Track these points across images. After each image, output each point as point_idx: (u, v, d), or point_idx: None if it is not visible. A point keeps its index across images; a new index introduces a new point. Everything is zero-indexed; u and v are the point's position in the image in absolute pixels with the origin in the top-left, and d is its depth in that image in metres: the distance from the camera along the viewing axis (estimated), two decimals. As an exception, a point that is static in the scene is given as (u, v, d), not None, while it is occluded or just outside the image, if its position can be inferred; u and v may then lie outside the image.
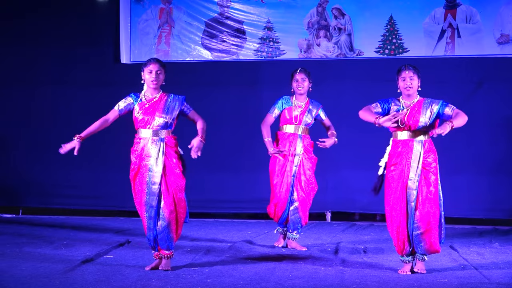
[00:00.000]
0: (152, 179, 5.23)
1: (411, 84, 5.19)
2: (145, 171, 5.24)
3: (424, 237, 5.13)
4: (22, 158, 9.23)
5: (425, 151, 5.16)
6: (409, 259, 5.23)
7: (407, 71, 5.20)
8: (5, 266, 5.35)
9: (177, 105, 5.34)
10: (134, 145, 5.32)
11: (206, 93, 8.89)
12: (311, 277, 5.05)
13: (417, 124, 5.16)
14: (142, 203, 5.25)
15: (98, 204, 9.12)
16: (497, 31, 8.41)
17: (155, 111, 5.27)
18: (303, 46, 8.81)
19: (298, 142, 6.42)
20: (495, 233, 7.64)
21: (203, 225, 8.24)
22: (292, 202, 6.43)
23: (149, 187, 5.23)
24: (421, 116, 5.16)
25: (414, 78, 5.20)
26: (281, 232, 6.56)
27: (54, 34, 9.19)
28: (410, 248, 5.19)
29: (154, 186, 5.22)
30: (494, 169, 8.43)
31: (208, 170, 8.87)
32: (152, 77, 5.27)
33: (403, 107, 5.20)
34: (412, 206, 5.11)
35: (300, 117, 6.44)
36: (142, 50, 9.04)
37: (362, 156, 8.52)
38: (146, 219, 5.25)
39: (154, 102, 5.29)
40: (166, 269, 5.25)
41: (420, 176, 5.13)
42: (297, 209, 6.43)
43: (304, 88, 6.45)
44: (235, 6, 8.95)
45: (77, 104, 9.14)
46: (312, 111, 6.49)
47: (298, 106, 6.46)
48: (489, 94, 8.47)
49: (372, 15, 8.67)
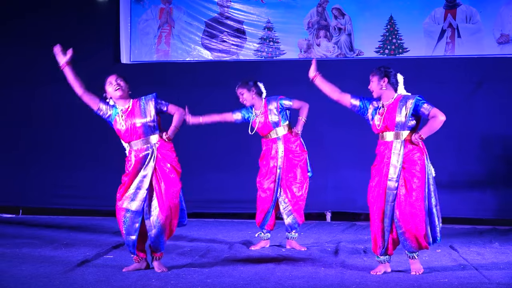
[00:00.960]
0: (138, 184, 5.22)
1: (371, 86, 5.26)
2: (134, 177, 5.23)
3: (407, 236, 5.09)
4: (22, 158, 9.23)
5: (408, 151, 5.09)
6: (384, 258, 5.21)
7: (371, 75, 5.28)
8: (5, 266, 5.35)
9: (151, 104, 5.28)
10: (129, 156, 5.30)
11: (206, 93, 8.89)
12: (311, 277, 5.05)
13: (394, 124, 5.10)
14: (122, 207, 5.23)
15: (98, 204, 9.12)
16: (497, 31, 8.41)
17: (135, 118, 5.25)
18: (303, 46, 8.81)
19: (279, 144, 6.37)
20: (495, 233, 7.63)
21: (203, 225, 8.24)
22: (284, 206, 6.40)
23: (135, 192, 5.21)
24: (396, 116, 5.09)
25: (372, 80, 5.26)
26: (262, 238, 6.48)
27: (54, 34, 9.16)
28: (383, 249, 5.17)
29: (141, 191, 5.21)
30: (494, 169, 8.42)
31: (208, 170, 8.87)
32: (114, 86, 5.30)
33: (382, 105, 5.19)
34: (392, 206, 5.09)
35: (267, 122, 6.38)
36: (142, 50, 9.04)
37: (362, 156, 8.50)
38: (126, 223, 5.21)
39: (129, 111, 5.28)
40: (162, 270, 5.24)
41: (400, 176, 5.09)
42: (291, 211, 6.39)
43: (248, 100, 6.43)
44: (235, 6, 8.95)
45: (77, 104, 9.07)
46: (272, 110, 6.39)
47: (259, 114, 6.40)
48: (489, 94, 8.47)
49: (372, 15, 8.67)
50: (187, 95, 8.14)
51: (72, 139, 9.14)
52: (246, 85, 6.45)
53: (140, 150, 5.24)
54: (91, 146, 9.11)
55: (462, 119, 8.40)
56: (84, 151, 9.15)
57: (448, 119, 5.22)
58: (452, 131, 8.02)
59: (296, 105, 6.44)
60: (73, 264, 5.42)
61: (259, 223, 6.48)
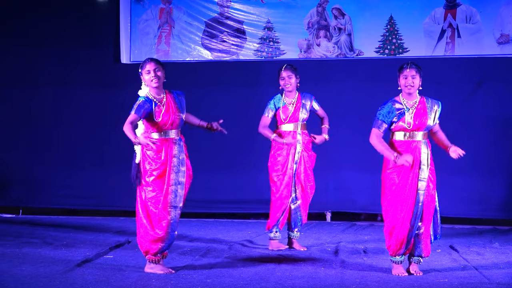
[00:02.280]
0: (180, 179, 5.20)
1: (413, 83, 5.15)
2: (171, 172, 5.18)
3: (422, 238, 5.15)
4: (22, 158, 9.23)
5: (430, 152, 5.16)
6: (401, 259, 5.21)
7: (409, 69, 5.16)
8: (5, 266, 5.35)
9: (183, 100, 5.35)
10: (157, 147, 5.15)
11: (206, 93, 8.89)
12: (311, 277, 5.05)
13: (425, 124, 5.15)
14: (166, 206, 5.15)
15: (98, 204, 9.12)
16: (497, 31, 8.41)
17: (174, 110, 5.24)
18: (303, 46, 8.81)
19: (298, 139, 6.39)
20: (495, 233, 7.64)
21: (203, 225, 8.24)
22: (294, 200, 6.41)
23: (176, 188, 5.19)
24: (428, 117, 5.15)
25: (416, 77, 5.16)
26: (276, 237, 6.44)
27: (54, 34, 9.19)
28: (405, 249, 5.18)
29: (180, 186, 5.21)
30: (494, 169, 8.42)
31: (208, 170, 8.86)
32: (152, 77, 5.21)
33: (407, 107, 5.16)
34: (421, 206, 5.10)
35: (296, 114, 6.41)
36: (142, 50, 9.03)
37: (362, 156, 8.52)
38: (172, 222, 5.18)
39: (166, 101, 5.24)
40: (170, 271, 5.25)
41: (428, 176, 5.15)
42: (299, 207, 6.42)
43: (292, 85, 6.41)
44: (235, 6, 8.95)
45: (77, 104, 9.14)
46: (305, 105, 6.44)
47: (291, 103, 6.43)
48: (489, 94, 8.46)
49: (372, 15, 8.66)
50: (187, 95, 8.11)
51: (72, 139, 9.13)
52: (295, 70, 6.45)
53: (173, 140, 5.22)
54: (91, 146, 9.11)
55: (462, 119, 8.40)
56: (84, 151, 9.14)
57: (448, 119, 5.24)
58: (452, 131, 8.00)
59: (320, 113, 6.58)
60: (73, 264, 5.42)
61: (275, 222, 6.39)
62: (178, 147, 5.23)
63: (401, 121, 5.13)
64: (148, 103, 5.16)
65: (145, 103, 5.15)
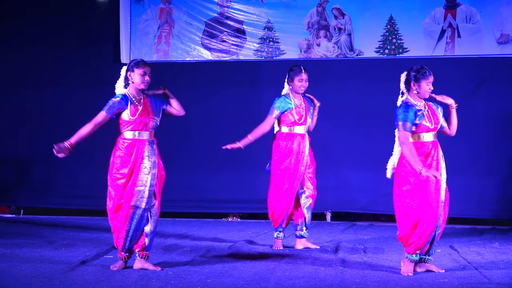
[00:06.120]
0: (150, 181, 5.23)
1: (431, 87, 5.23)
2: (140, 173, 5.22)
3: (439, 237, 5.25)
4: (22, 158, 9.23)
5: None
6: (417, 258, 5.20)
7: (432, 77, 5.20)
8: (5, 266, 5.35)
9: (159, 105, 5.41)
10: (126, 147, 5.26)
11: (206, 93, 8.90)
12: (311, 277, 5.05)
13: (438, 125, 5.25)
14: (129, 206, 5.21)
15: (98, 204, 9.08)
16: (497, 31, 8.41)
17: (150, 112, 5.30)
18: (303, 46, 8.81)
19: (306, 142, 6.37)
20: (495, 233, 7.64)
21: (203, 225, 8.24)
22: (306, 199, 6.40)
23: (144, 190, 5.21)
24: (440, 119, 5.28)
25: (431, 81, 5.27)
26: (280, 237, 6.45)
27: (54, 34, 9.19)
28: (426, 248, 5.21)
29: (151, 188, 5.23)
30: (494, 169, 8.42)
31: (208, 170, 8.86)
32: (145, 80, 5.28)
33: (422, 109, 5.20)
34: (441, 206, 5.18)
35: (306, 117, 6.38)
36: (142, 50, 9.04)
37: (362, 156, 8.53)
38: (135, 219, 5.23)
39: (143, 103, 5.30)
40: (156, 269, 5.25)
41: None
42: (310, 207, 6.43)
43: (305, 88, 6.40)
44: (235, 6, 8.95)
45: (77, 104, 9.13)
46: (310, 109, 6.46)
47: (300, 105, 6.39)
48: (489, 94, 8.46)
49: (372, 15, 8.67)
50: (187, 95, 8.14)
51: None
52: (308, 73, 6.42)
53: (145, 142, 5.25)
54: (91, 146, 9.06)
55: (462, 119, 8.37)
56: (84, 151, 9.09)
57: (448, 119, 5.26)
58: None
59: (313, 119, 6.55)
60: (73, 264, 5.42)
61: (280, 221, 6.39)
62: (150, 149, 5.26)
63: (423, 120, 5.16)
64: (124, 103, 5.24)
65: (120, 103, 5.24)
